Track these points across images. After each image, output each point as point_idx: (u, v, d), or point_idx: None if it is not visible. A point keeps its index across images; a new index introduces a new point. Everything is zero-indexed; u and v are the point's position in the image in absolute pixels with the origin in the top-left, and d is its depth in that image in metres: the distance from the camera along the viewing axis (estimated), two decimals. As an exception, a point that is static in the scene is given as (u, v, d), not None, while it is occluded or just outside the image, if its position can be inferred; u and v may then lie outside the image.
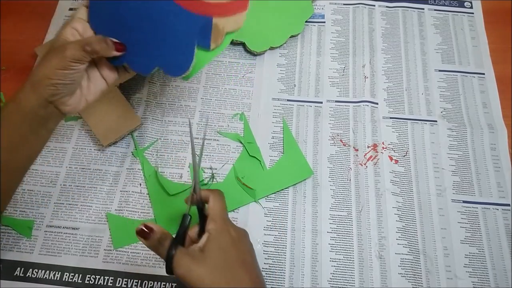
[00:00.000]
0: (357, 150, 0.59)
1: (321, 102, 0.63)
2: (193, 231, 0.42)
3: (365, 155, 0.59)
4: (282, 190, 0.57)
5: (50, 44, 0.43)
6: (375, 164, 0.58)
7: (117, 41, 0.44)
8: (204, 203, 0.42)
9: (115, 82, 0.49)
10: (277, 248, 0.53)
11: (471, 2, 0.72)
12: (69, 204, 0.56)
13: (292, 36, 0.68)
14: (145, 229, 0.39)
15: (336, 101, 0.63)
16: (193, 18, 0.44)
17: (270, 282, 0.52)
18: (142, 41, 0.45)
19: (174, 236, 0.40)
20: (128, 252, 0.53)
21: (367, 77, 0.65)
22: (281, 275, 0.52)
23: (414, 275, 0.52)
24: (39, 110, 0.42)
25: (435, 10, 0.71)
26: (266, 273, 0.52)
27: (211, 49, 0.44)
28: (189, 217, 0.41)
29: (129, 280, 0.51)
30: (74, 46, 0.41)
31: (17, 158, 0.43)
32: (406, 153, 0.59)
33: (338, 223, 0.55)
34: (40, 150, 0.46)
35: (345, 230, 0.54)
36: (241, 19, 0.44)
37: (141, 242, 0.53)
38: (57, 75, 0.41)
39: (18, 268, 0.52)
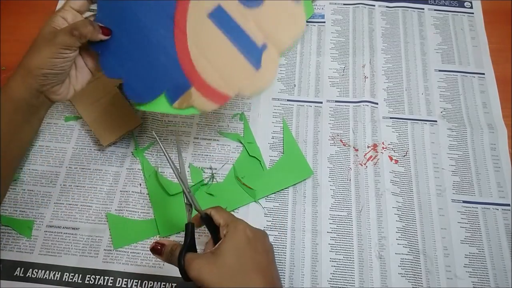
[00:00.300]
0: (357, 150, 0.59)
1: (321, 102, 0.63)
2: (209, 245, 0.42)
3: (365, 155, 0.59)
4: (282, 190, 0.57)
5: (38, 32, 0.43)
6: (375, 164, 0.58)
7: (102, 25, 0.44)
8: (209, 217, 0.42)
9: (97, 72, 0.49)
10: (277, 248, 0.53)
11: (471, 2, 0.72)
12: (69, 204, 0.56)
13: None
14: (158, 246, 0.40)
15: (336, 101, 0.63)
16: (178, 72, 0.44)
17: (270, 282, 0.52)
18: (126, 47, 0.45)
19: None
20: (128, 252, 0.53)
21: (367, 77, 0.65)
22: (281, 275, 0.52)
23: (414, 275, 0.52)
24: (31, 99, 0.42)
25: (435, 10, 0.71)
26: (266, 273, 0.52)
27: (173, 107, 0.45)
28: (190, 224, 0.41)
29: (129, 280, 0.51)
30: (63, 32, 0.41)
31: (12, 147, 0.44)
32: (406, 153, 0.59)
33: (338, 223, 0.55)
34: (32, 139, 0.46)
35: (345, 230, 0.54)
36: (210, 108, 0.44)
37: (141, 242, 0.54)
38: (47, 64, 0.41)
39: (18, 268, 0.52)
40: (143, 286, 0.51)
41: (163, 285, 0.51)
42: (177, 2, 0.45)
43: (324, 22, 0.70)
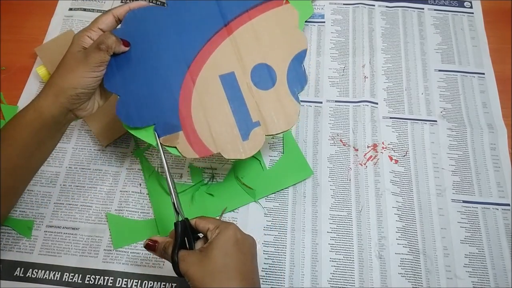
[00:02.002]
0: (357, 150, 0.59)
1: (321, 102, 0.63)
2: (200, 243, 0.42)
3: (365, 155, 0.59)
4: (282, 190, 0.57)
5: (67, 52, 0.44)
6: (375, 164, 0.58)
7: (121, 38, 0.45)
8: (188, 224, 0.42)
9: None
10: (277, 248, 0.53)
11: (471, 2, 0.72)
12: (69, 204, 0.56)
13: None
14: (150, 243, 0.42)
15: (336, 101, 0.63)
16: (174, 113, 0.46)
17: (270, 282, 0.52)
18: (132, 67, 0.47)
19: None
20: (128, 252, 0.53)
21: (367, 77, 0.65)
22: (281, 275, 0.52)
23: (414, 275, 0.52)
24: (59, 117, 0.44)
25: (435, 10, 0.71)
26: (266, 273, 0.52)
27: (158, 140, 0.46)
28: (180, 223, 0.42)
29: (129, 280, 0.51)
30: (92, 50, 0.43)
31: (32, 161, 0.45)
32: (406, 153, 0.59)
33: (338, 223, 0.55)
34: (51, 152, 0.47)
35: (345, 230, 0.54)
36: (191, 155, 0.46)
37: (141, 242, 0.54)
38: (82, 84, 0.43)
39: (18, 268, 0.52)
40: (143, 286, 0.51)
41: (163, 285, 0.51)
42: (198, 54, 0.47)
43: (324, 22, 0.70)
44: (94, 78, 0.43)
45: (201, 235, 0.43)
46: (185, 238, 0.42)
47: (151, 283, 0.51)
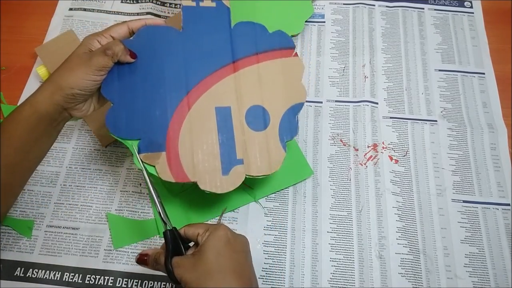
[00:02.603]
0: (357, 150, 0.59)
1: (321, 102, 0.63)
2: (192, 249, 0.42)
3: (365, 155, 0.59)
4: (282, 190, 0.57)
5: (73, 52, 0.45)
6: (375, 164, 0.58)
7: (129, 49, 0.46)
8: (176, 233, 0.42)
9: None
10: (277, 248, 0.53)
11: (471, 2, 0.72)
12: (69, 204, 0.56)
13: (292, 36, 0.68)
14: (141, 257, 0.42)
15: (336, 101, 0.63)
16: (161, 134, 0.46)
17: (270, 282, 0.52)
18: (132, 78, 0.47)
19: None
20: (128, 252, 0.53)
21: (367, 77, 0.65)
22: (281, 275, 0.52)
23: (414, 275, 0.52)
24: (54, 114, 0.44)
25: (435, 10, 0.71)
26: (266, 273, 0.52)
27: (139, 157, 0.46)
28: (168, 232, 0.41)
29: (129, 280, 0.51)
30: (97, 53, 0.43)
31: (29, 158, 0.45)
32: (406, 153, 0.59)
33: (338, 223, 0.55)
34: (48, 150, 0.47)
35: (345, 230, 0.54)
36: (167, 178, 0.46)
37: (141, 242, 0.54)
38: (80, 85, 0.43)
39: (18, 268, 0.52)
40: (143, 286, 0.51)
41: (163, 285, 0.51)
42: (200, 82, 0.48)
43: (324, 22, 0.70)
44: (93, 81, 0.43)
45: (192, 244, 0.43)
46: (176, 247, 0.41)
47: (151, 283, 0.51)
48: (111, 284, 0.51)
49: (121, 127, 0.46)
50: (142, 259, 0.42)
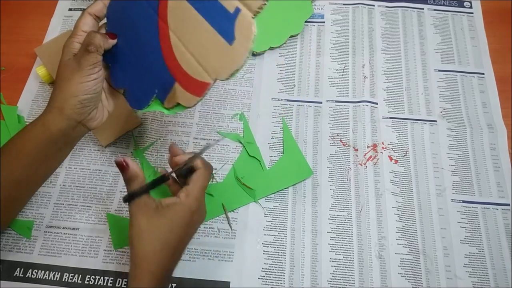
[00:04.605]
0: (357, 150, 0.59)
1: (321, 102, 0.63)
2: (176, 187, 0.45)
3: (365, 155, 0.59)
4: (282, 190, 0.57)
5: (60, 63, 0.44)
6: (375, 164, 0.58)
7: (106, 32, 0.45)
8: (191, 170, 0.44)
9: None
10: (277, 248, 0.53)
11: (470, 2, 0.72)
12: (69, 205, 0.56)
13: (291, 36, 0.68)
14: (124, 163, 0.41)
15: (336, 101, 0.63)
16: (163, 69, 0.43)
17: (270, 282, 0.52)
18: (125, 56, 0.45)
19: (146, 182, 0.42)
20: (128, 252, 0.53)
21: (367, 77, 0.65)
22: (281, 275, 0.52)
23: (414, 275, 0.52)
24: (68, 130, 0.43)
25: (434, 10, 0.71)
26: (266, 273, 0.52)
27: (165, 107, 0.44)
28: (166, 179, 0.43)
29: (129, 280, 0.51)
30: (80, 54, 0.42)
31: (37, 174, 0.45)
32: (406, 153, 0.59)
33: (338, 223, 0.55)
34: (58, 165, 0.47)
35: (345, 230, 0.54)
36: (193, 101, 0.42)
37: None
38: (81, 90, 0.42)
39: (18, 269, 0.52)
40: (143, 286, 0.51)
41: (163, 285, 0.51)
42: None
43: (324, 22, 0.70)
44: (93, 81, 0.43)
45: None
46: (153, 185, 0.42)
47: (151, 283, 0.51)
48: (111, 285, 0.51)
49: (140, 99, 0.45)
50: (122, 166, 0.41)
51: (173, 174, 0.45)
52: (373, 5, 0.71)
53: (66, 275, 0.52)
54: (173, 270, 0.42)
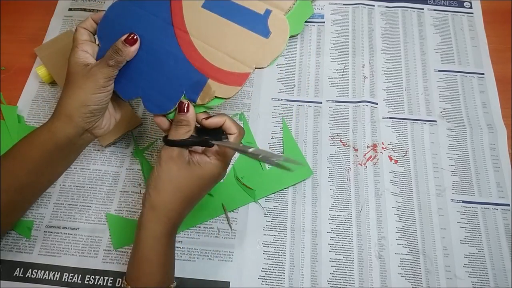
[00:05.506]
0: (356, 150, 0.59)
1: (321, 102, 0.63)
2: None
3: (365, 155, 0.59)
4: (281, 190, 0.57)
5: (69, 70, 0.44)
6: (374, 164, 0.58)
7: (124, 38, 0.43)
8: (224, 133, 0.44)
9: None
10: (276, 248, 0.53)
11: (470, 2, 0.72)
12: (69, 205, 0.56)
13: (291, 36, 0.67)
14: (186, 107, 0.42)
15: (336, 101, 0.63)
16: (191, 70, 0.44)
17: (270, 282, 0.52)
18: (136, 67, 0.45)
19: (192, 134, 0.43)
20: (127, 252, 0.53)
21: (367, 77, 0.65)
22: (281, 275, 0.52)
23: (414, 275, 0.52)
24: (74, 138, 0.43)
25: (434, 10, 0.71)
26: (266, 273, 0.52)
27: (197, 104, 0.44)
28: (210, 145, 0.43)
29: (128, 280, 0.51)
30: (101, 66, 0.42)
31: (41, 180, 0.45)
32: (406, 153, 0.59)
33: (338, 223, 0.55)
34: (64, 171, 0.48)
35: (345, 230, 0.54)
36: (233, 91, 0.44)
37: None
38: (93, 100, 0.42)
39: (18, 269, 0.52)
40: (142, 286, 0.51)
41: (163, 285, 0.51)
42: (171, 3, 0.45)
43: (324, 22, 0.70)
44: (105, 93, 0.43)
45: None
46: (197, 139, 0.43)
47: (150, 283, 0.51)
48: (111, 285, 0.51)
49: (162, 103, 0.45)
50: (181, 107, 0.42)
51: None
52: (373, 5, 0.71)
53: (66, 275, 0.52)
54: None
